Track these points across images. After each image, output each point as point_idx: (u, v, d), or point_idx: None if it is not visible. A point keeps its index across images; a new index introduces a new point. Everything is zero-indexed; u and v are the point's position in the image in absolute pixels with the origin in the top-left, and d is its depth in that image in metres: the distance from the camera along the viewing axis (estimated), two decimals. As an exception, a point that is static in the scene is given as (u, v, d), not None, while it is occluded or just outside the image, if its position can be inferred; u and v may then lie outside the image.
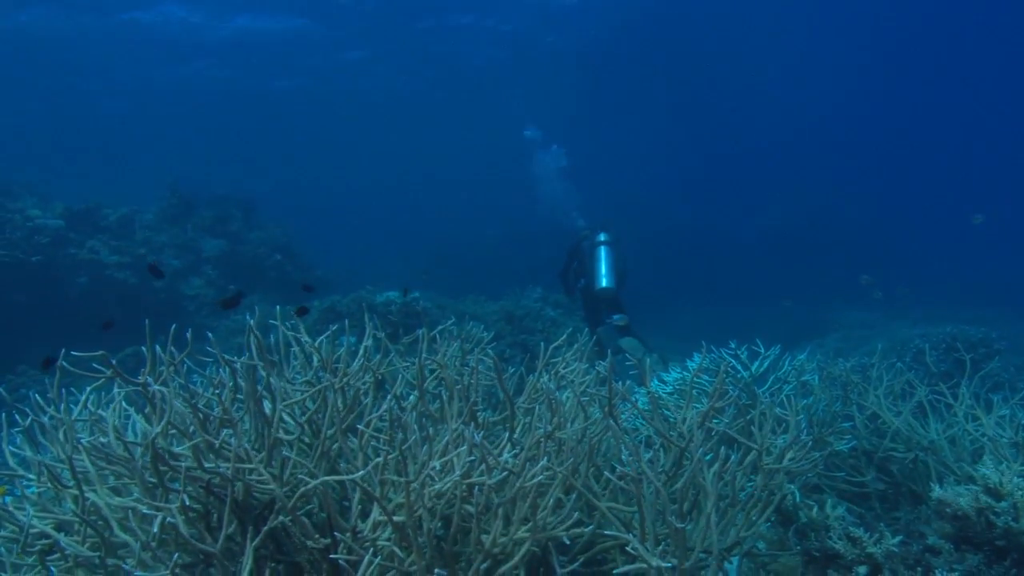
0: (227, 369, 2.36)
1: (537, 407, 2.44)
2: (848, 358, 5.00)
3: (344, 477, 1.77)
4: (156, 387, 2.08)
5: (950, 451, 4.22)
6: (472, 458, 1.99)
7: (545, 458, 1.91)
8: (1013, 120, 25.90)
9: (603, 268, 7.06)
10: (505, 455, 2.04)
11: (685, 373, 4.82)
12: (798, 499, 3.34)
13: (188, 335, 2.49)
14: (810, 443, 2.83)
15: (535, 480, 1.82)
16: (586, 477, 2.19)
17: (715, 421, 2.65)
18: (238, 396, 2.38)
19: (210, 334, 2.80)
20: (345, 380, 2.21)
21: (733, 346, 4.84)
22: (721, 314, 15.53)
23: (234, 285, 10.60)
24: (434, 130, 27.96)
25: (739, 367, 4.70)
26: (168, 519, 1.76)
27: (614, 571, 2.45)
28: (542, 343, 3.46)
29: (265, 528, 1.79)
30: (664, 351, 7.18)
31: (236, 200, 12.22)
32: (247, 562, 1.77)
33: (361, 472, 1.76)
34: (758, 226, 23.14)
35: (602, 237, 7.23)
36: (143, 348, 2.36)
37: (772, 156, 29.00)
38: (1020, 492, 2.50)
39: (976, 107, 25.97)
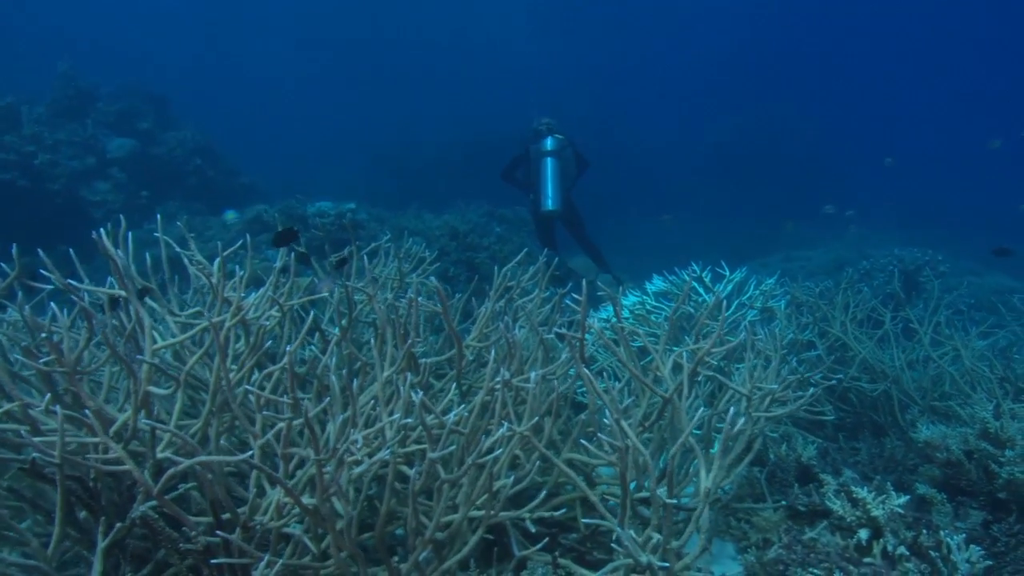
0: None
1: (493, 350, 1.97)
2: (796, 279, 4.80)
3: (228, 459, 1.27)
4: None
5: (910, 380, 4.07)
6: (409, 420, 1.53)
7: (504, 424, 1.46)
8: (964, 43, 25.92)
9: (549, 187, 6.31)
10: (451, 415, 1.58)
11: (644, 297, 4.46)
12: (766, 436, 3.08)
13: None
14: (794, 383, 2.50)
15: (492, 456, 1.37)
16: (549, 437, 1.77)
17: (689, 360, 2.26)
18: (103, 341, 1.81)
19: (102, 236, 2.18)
20: (240, 315, 1.67)
21: (696, 268, 4.48)
22: (668, 228, 15.37)
23: (146, 191, 9.54)
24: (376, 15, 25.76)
25: (701, 290, 4.36)
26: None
27: (581, 519, 2.10)
28: (495, 267, 2.99)
29: (119, 525, 1.29)
30: (614, 268, 6.83)
31: (145, 94, 10.87)
32: (96, 567, 1.28)
33: (251, 451, 1.26)
34: (710, 139, 22.76)
35: (549, 145, 6.46)
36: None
37: (727, 66, 28.32)
38: (1027, 440, 2.24)
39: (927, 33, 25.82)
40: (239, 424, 1.63)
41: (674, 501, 1.57)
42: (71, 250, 2.32)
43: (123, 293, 1.77)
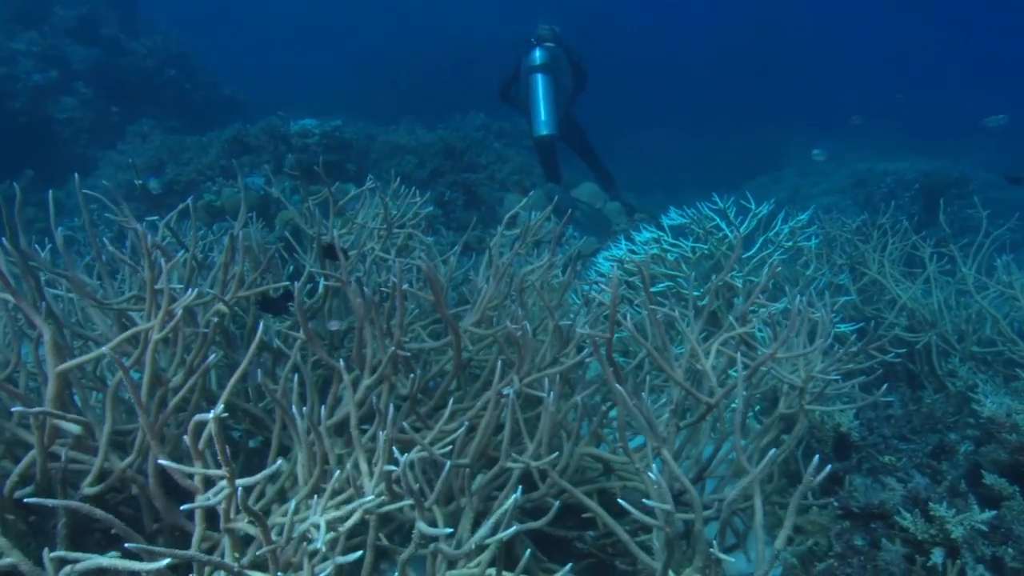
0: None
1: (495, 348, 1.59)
2: (812, 196, 4.39)
3: (157, 550, 0.93)
4: None
5: (948, 324, 3.73)
6: (392, 467, 1.18)
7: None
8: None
9: (541, 108, 5.45)
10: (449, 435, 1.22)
11: (660, 234, 4.03)
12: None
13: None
14: (850, 357, 2.15)
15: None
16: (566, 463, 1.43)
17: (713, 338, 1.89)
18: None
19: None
20: (172, 324, 1.28)
21: (717, 200, 4.03)
22: (675, 141, 14.66)
23: (116, 107, 8.85)
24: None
25: (723, 225, 3.93)
26: None
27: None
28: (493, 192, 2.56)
29: None
30: (624, 193, 6.32)
31: (107, -4, 9.89)
32: None
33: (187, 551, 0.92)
34: (713, 45, 21.43)
35: (537, 59, 5.57)
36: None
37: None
38: None
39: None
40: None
41: (727, 558, 1.25)
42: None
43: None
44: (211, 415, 0.99)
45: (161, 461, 1.04)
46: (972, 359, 3.59)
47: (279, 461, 1.25)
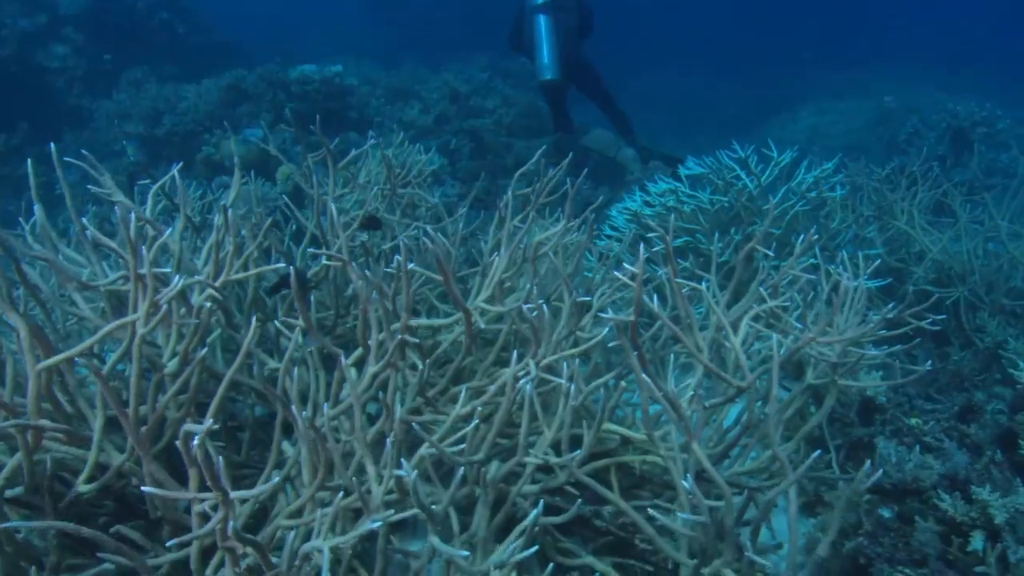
0: None
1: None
2: (832, 136, 4.16)
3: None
4: None
5: (977, 275, 3.57)
6: (402, 472, 1.08)
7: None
8: None
9: (544, 51, 5.08)
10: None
11: (677, 185, 3.85)
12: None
13: None
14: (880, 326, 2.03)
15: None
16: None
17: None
18: None
19: None
20: (158, 319, 1.17)
21: (737, 148, 3.82)
22: (688, 79, 14.11)
23: (109, 54, 8.54)
24: None
25: (743, 175, 3.74)
26: None
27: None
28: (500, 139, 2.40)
29: None
30: (640, 138, 6.03)
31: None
32: None
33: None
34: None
35: None
36: None
37: None
38: None
39: None
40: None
41: (762, 561, 1.16)
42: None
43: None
44: (199, 431, 0.89)
45: (145, 489, 0.95)
46: (1002, 312, 3.45)
47: (275, 478, 1.16)
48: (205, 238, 2.09)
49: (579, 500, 1.28)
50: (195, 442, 0.90)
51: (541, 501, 1.14)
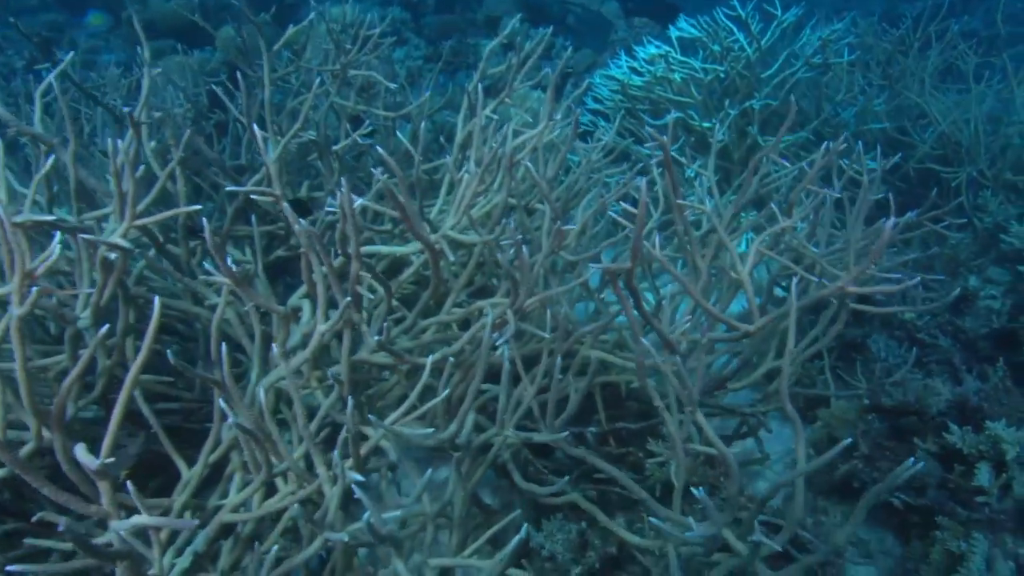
0: None
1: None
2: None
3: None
4: None
5: (980, 147, 3.33)
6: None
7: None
8: None
9: None
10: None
11: (668, 49, 3.44)
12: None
13: None
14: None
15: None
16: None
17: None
18: None
19: None
20: (34, 297, 0.93)
21: (736, 5, 3.37)
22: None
23: None
24: None
25: (742, 39, 3.34)
26: None
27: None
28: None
29: None
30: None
31: None
32: None
33: None
34: None
35: None
36: None
37: None
38: None
39: None
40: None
41: (772, 544, 1.05)
42: None
43: None
44: (96, 465, 0.70)
45: (61, 528, 0.76)
46: (1004, 187, 3.27)
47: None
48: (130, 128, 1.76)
49: (565, 478, 1.13)
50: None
51: (524, 525, 0.98)
